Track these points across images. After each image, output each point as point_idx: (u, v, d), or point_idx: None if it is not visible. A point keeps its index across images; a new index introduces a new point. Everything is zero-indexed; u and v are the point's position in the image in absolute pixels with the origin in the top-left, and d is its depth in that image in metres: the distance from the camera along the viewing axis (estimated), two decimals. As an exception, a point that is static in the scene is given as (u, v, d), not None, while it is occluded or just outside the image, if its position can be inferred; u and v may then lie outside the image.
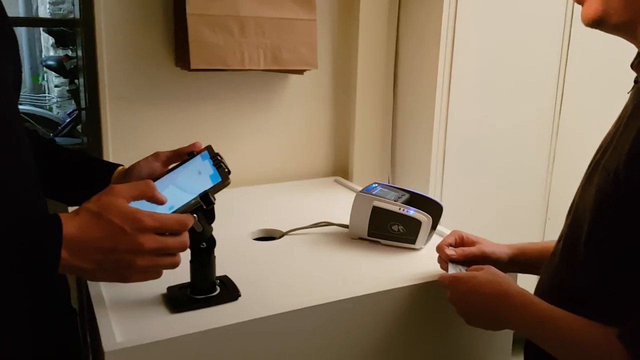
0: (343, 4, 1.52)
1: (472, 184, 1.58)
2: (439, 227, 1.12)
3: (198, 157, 0.86)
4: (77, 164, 0.94)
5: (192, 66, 1.25)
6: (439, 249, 0.93)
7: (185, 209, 0.74)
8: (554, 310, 0.69)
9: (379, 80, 1.58)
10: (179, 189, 0.79)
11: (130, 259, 0.66)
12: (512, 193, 1.65)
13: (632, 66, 0.71)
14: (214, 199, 0.75)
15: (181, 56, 1.30)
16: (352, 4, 1.51)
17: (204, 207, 0.75)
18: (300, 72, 1.44)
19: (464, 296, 0.80)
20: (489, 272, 0.80)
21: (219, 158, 0.83)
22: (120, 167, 0.93)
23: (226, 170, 0.79)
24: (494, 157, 1.59)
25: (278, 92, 1.51)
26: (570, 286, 0.73)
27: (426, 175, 1.53)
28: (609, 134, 0.73)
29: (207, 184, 0.77)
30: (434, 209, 1.09)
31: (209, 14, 1.25)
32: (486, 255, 0.91)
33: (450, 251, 0.91)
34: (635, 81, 0.71)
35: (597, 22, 0.68)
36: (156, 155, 0.90)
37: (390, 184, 1.22)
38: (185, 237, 0.70)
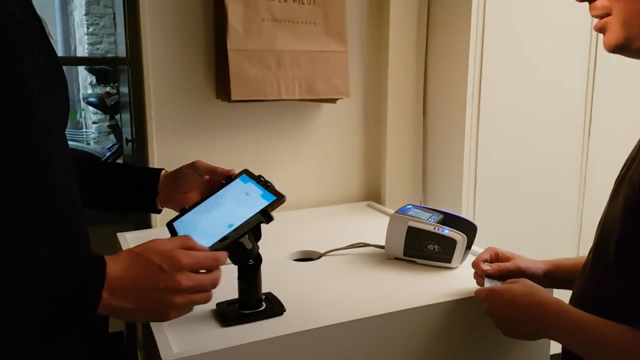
0: (373, 35, 1.59)
1: (504, 208, 1.60)
2: (473, 247, 1.15)
3: (237, 180, 0.93)
4: (127, 173, 1.06)
5: (233, 98, 1.33)
6: (475, 264, 0.97)
7: (247, 225, 0.80)
8: (586, 316, 0.72)
9: (409, 107, 1.63)
10: (231, 209, 0.86)
11: (168, 297, 0.67)
12: (544, 217, 1.67)
13: None
14: (273, 216, 0.82)
15: (222, 89, 1.38)
16: (382, 34, 1.58)
17: (265, 222, 0.81)
18: (333, 101, 1.51)
19: (501, 308, 0.83)
20: (523, 284, 0.83)
21: (264, 179, 0.89)
22: (164, 171, 1.02)
23: (276, 189, 0.85)
24: (525, 180, 1.62)
25: (312, 121, 1.57)
26: (600, 295, 0.76)
27: (458, 199, 1.56)
28: (634, 149, 0.77)
29: (262, 202, 0.83)
30: (469, 229, 1.12)
31: (248, 49, 1.33)
32: (521, 270, 0.94)
33: (486, 266, 0.95)
34: None
35: (620, 48, 0.71)
36: (195, 166, 0.98)
37: (424, 205, 1.26)
38: (218, 273, 0.73)
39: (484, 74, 1.48)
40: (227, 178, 0.94)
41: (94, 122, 5.17)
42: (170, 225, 0.86)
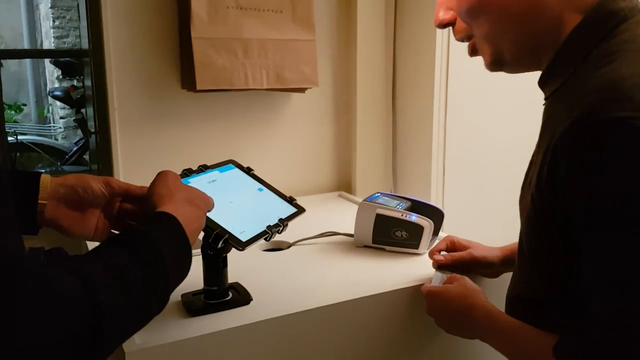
0: (342, 24, 1.58)
1: (472, 195, 1.62)
2: (440, 233, 1.16)
3: (235, 169, 0.98)
4: None
5: (198, 87, 1.31)
6: (430, 254, 0.98)
7: (278, 229, 0.88)
8: (511, 321, 0.74)
9: (379, 96, 1.63)
10: (258, 203, 0.94)
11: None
12: (511, 202, 1.68)
13: (539, 84, 0.74)
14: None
15: (187, 78, 1.36)
16: (350, 23, 1.57)
17: (279, 233, 0.89)
18: (302, 90, 1.50)
19: (439, 310, 0.86)
20: (460, 285, 0.85)
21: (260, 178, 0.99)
22: (46, 178, 0.73)
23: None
24: (492, 168, 1.63)
25: (281, 111, 1.56)
26: (520, 293, 0.77)
27: (427, 187, 1.57)
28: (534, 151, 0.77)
29: (286, 207, 0.94)
30: (436, 215, 1.13)
31: (213, 37, 1.31)
32: (476, 259, 0.95)
33: (439, 257, 0.96)
34: (545, 99, 0.74)
35: (497, 64, 0.74)
36: (110, 186, 0.77)
37: (392, 193, 1.26)
38: None
39: (451, 62, 1.48)
40: (228, 161, 0.97)
41: (61, 117, 5.05)
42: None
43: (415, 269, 1.03)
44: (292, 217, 0.92)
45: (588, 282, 0.62)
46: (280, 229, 0.88)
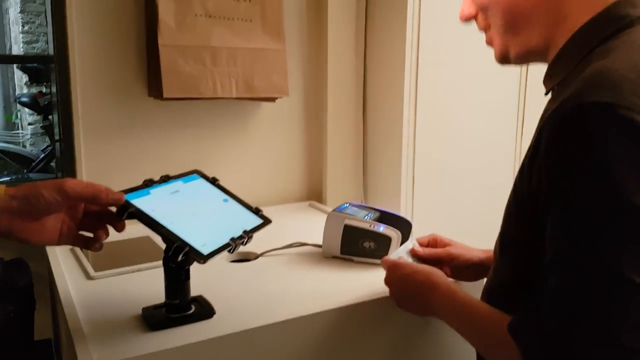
0: (312, 33, 1.58)
1: (442, 204, 1.63)
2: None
3: (199, 179, 0.95)
4: None
5: (165, 95, 1.29)
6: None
7: (242, 240, 0.86)
8: (472, 300, 0.77)
9: (349, 106, 1.63)
10: (223, 214, 0.91)
11: None
12: (480, 212, 1.70)
13: (544, 82, 0.75)
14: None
15: (154, 86, 1.34)
16: (321, 32, 1.57)
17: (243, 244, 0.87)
18: (272, 99, 1.49)
19: (398, 280, 0.87)
20: (429, 267, 0.87)
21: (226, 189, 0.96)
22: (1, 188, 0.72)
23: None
24: (461, 177, 1.65)
25: (251, 120, 1.55)
26: (493, 282, 0.80)
27: (397, 196, 1.58)
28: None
29: (252, 219, 0.93)
30: (404, 225, 1.13)
31: (181, 44, 1.29)
32: (453, 257, 0.97)
33: (418, 248, 1.00)
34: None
35: (504, 59, 0.77)
36: (63, 190, 0.72)
37: (361, 204, 1.26)
38: None
39: (420, 73, 1.50)
40: (191, 171, 0.94)
41: (29, 123, 4.94)
42: (135, 210, 0.77)
43: (383, 280, 1.02)
44: (257, 228, 0.91)
45: (546, 260, 0.63)
46: (244, 240, 0.86)
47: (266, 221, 0.93)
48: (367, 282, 1.02)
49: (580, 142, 0.58)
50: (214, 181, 0.97)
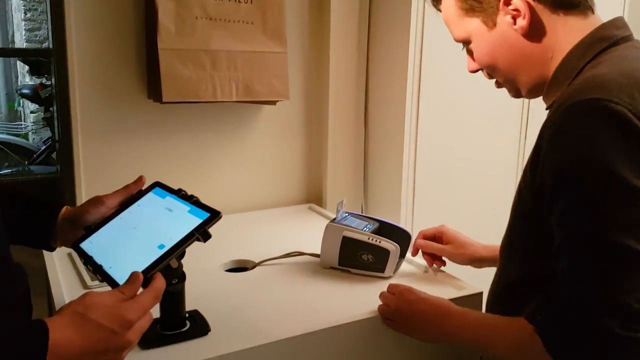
0: (314, 36, 1.56)
1: (443, 210, 1.61)
2: (408, 255, 1.14)
3: (150, 194, 0.86)
4: (19, 209, 0.87)
5: (164, 99, 1.27)
6: (417, 237, 1.11)
7: (183, 245, 0.74)
8: (487, 316, 0.82)
9: (350, 109, 1.61)
10: (155, 227, 0.79)
11: (119, 356, 0.65)
12: (482, 218, 1.68)
13: (542, 97, 0.82)
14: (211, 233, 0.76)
15: (153, 89, 1.32)
16: (323, 35, 1.55)
17: (203, 241, 0.75)
18: (273, 102, 1.47)
19: (411, 303, 0.88)
20: (425, 297, 0.89)
21: (186, 193, 0.83)
22: (64, 209, 0.88)
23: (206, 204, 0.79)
24: (464, 183, 1.63)
25: (251, 123, 1.53)
26: (500, 286, 0.84)
27: (398, 200, 1.56)
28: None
29: (194, 219, 0.77)
30: (403, 238, 1.12)
31: (180, 48, 1.27)
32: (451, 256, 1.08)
33: (420, 241, 1.10)
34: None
35: (518, 94, 0.84)
36: (99, 201, 0.85)
37: (360, 214, 1.25)
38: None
39: (423, 78, 1.47)
40: (137, 192, 0.87)
41: (32, 112, 4.92)
42: (77, 248, 0.79)
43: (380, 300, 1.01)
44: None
45: (555, 246, 0.69)
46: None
47: (212, 215, 0.78)
48: (365, 296, 1.01)
49: (577, 134, 0.65)
50: (178, 192, 0.86)
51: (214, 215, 0.76)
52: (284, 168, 1.61)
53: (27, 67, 4.66)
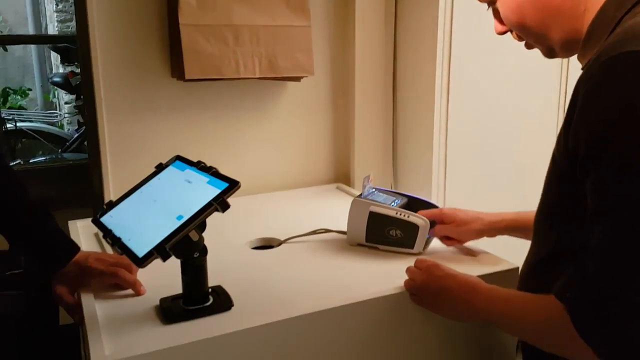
0: (339, 10, 1.51)
1: (476, 187, 1.55)
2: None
3: (170, 168, 0.86)
4: (35, 240, 0.92)
5: (187, 76, 1.25)
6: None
7: (201, 215, 0.73)
8: (516, 293, 0.77)
9: (378, 85, 1.57)
10: (175, 199, 0.79)
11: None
12: (517, 194, 1.62)
13: (577, 57, 0.76)
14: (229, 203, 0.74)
15: (176, 67, 1.30)
16: (348, 8, 1.50)
17: (221, 211, 0.74)
18: (297, 79, 1.44)
19: (438, 279, 0.84)
20: (452, 275, 0.84)
21: (205, 165, 0.82)
22: (79, 254, 0.93)
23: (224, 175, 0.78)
24: (498, 158, 1.57)
25: (276, 100, 1.50)
26: (535, 260, 0.79)
27: (428, 179, 1.51)
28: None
29: (212, 189, 0.76)
30: (432, 213, 1.07)
31: (202, 23, 1.25)
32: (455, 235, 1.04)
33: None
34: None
35: (552, 53, 0.78)
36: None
37: (388, 189, 1.21)
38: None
39: (454, 47, 1.41)
40: (157, 166, 0.86)
41: (66, 103, 5.02)
42: (98, 222, 0.79)
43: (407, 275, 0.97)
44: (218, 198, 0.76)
45: (588, 214, 0.63)
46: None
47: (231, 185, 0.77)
48: (392, 273, 0.97)
49: (615, 90, 0.59)
50: (197, 164, 0.85)
51: (232, 185, 0.74)
52: (310, 147, 1.57)
53: (59, 57, 4.75)
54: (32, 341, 1.00)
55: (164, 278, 0.89)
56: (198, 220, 0.72)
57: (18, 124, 3.38)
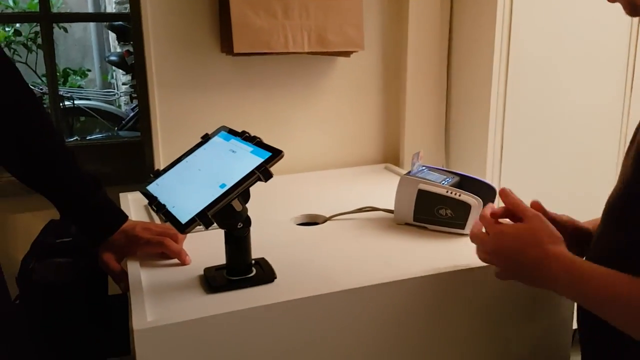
0: (392, -18, 1.46)
1: (533, 169, 1.48)
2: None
3: (216, 137, 0.85)
4: (83, 211, 0.93)
5: (236, 50, 1.24)
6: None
7: (244, 184, 0.72)
8: (596, 268, 0.67)
9: (432, 61, 1.51)
10: (219, 167, 0.78)
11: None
12: (578, 179, 1.53)
13: None
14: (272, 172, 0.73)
15: (226, 41, 1.30)
16: (402, -19, 1.45)
17: (264, 180, 0.73)
18: (347, 54, 1.40)
19: (513, 238, 0.73)
20: (529, 229, 0.74)
21: (249, 135, 0.81)
22: (127, 222, 0.95)
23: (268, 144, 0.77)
24: (558, 141, 1.48)
25: (325, 77, 1.47)
26: (610, 247, 0.73)
27: (483, 162, 1.45)
28: None
29: (255, 159, 0.75)
30: (486, 192, 1.02)
31: (252, -4, 1.23)
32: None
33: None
34: None
35: (634, 13, 0.71)
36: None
37: (439, 167, 1.16)
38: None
39: (514, 21, 1.33)
40: (203, 136, 0.86)
41: (123, 83, 5.16)
42: (145, 191, 0.79)
43: (459, 251, 0.93)
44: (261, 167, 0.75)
45: None
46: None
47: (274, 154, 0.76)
48: (441, 253, 0.93)
49: None
50: (242, 134, 0.85)
51: (275, 154, 0.73)
52: (358, 125, 1.54)
53: (116, 38, 4.87)
54: (81, 309, 1.02)
55: (209, 249, 0.90)
56: (241, 189, 0.71)
57: (76, 102, 3.50)
